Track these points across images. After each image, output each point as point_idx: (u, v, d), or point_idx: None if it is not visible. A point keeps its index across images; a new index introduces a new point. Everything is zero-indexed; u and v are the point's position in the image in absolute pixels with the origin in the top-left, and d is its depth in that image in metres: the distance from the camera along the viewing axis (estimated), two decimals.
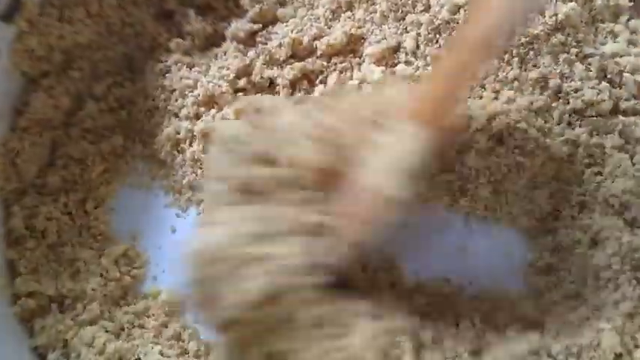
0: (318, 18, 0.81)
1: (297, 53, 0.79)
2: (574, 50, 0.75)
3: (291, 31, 0.79)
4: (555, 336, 0.65)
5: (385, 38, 0.79)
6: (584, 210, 0.72)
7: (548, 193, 0.73)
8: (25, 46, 0.76)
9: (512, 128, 0.74)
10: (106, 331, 0.68)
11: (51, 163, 0.76)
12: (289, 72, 0.77)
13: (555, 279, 0.70)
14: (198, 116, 0.77)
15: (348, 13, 0.81)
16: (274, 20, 0.82)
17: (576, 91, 0.74)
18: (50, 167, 0.76)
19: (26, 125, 0.76)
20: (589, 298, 0.67)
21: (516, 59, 0.75)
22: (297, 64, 0.78)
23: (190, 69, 0.80)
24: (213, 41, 0.83)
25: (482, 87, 0.76)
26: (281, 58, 0.78)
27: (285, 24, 0.81)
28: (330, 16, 0.81)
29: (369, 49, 0.79)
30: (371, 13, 0.81)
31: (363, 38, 0.80)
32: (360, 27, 0.80)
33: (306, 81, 0.78)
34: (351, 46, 0.79)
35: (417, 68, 0.78)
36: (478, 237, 0.74)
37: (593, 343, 0.63)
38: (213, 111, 0.76)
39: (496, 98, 0.76)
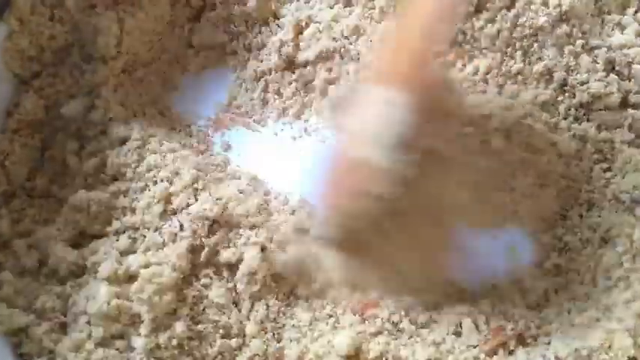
0: (317, 15, 0.79)
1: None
2: (580, 42, 0.72)
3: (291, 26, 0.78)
4: (564, 339, 0.62)
5: None
6: (593, 207, 0.69)
7: (555, 190, 0.70)
8: (16, 46, 0.75)
9: (517, 124, 0.71)
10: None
11: (41, 165, 0.74)
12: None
13: (563, 280, 0.67)
14: None
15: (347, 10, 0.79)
16: (275, 16, 0.81)
17: (582, 84, 0.71)
18: (39, 169, 0.74)
19: (16, 127, 0.75)
20: (599, 299, 0.64)
21: (519, 52, 0.73)
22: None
23: None
24: None
25: (485, 81, 0.74)
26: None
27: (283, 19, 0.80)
28: None
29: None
30: (370, 9, 0.79)
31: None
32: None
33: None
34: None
35: None
36: (481, 237, 0.70)
37: (605, 346, 0.60)
38: None
39: (499, 93, 0.73)
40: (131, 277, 0.66)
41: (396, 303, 0.66)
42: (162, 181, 0.71)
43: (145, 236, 0.68)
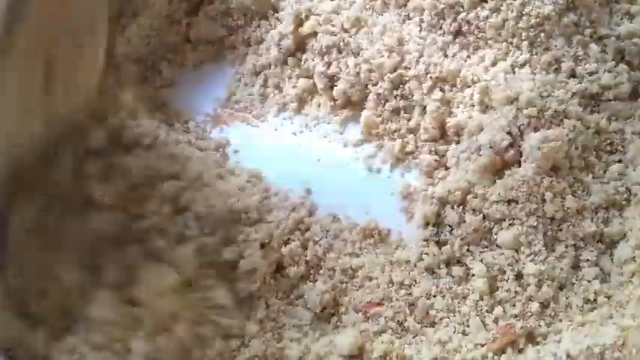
0: (317, 7, 0.78)
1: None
2: (588, 31, 0.71)
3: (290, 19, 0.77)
4: (575, 337, 0.60)
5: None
6: (605, 200, 0.66)
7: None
8: None
9: None
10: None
11: None
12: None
13: (576, 276, 0.64)
14: None
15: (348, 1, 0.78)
16: (274, 9, 0.80)
17: (591, 74, 0.70)
18: None
19: None
20: (612, 294, 0.62)
21: (526, 42, 0.71)
22: None
23: None
24: None
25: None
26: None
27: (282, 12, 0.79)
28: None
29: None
30: (371, 1, 0.77)
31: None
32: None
33: None
34: None
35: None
36: None
37: (618, 343, 0.58)
38: None
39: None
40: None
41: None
42: None
43: None
